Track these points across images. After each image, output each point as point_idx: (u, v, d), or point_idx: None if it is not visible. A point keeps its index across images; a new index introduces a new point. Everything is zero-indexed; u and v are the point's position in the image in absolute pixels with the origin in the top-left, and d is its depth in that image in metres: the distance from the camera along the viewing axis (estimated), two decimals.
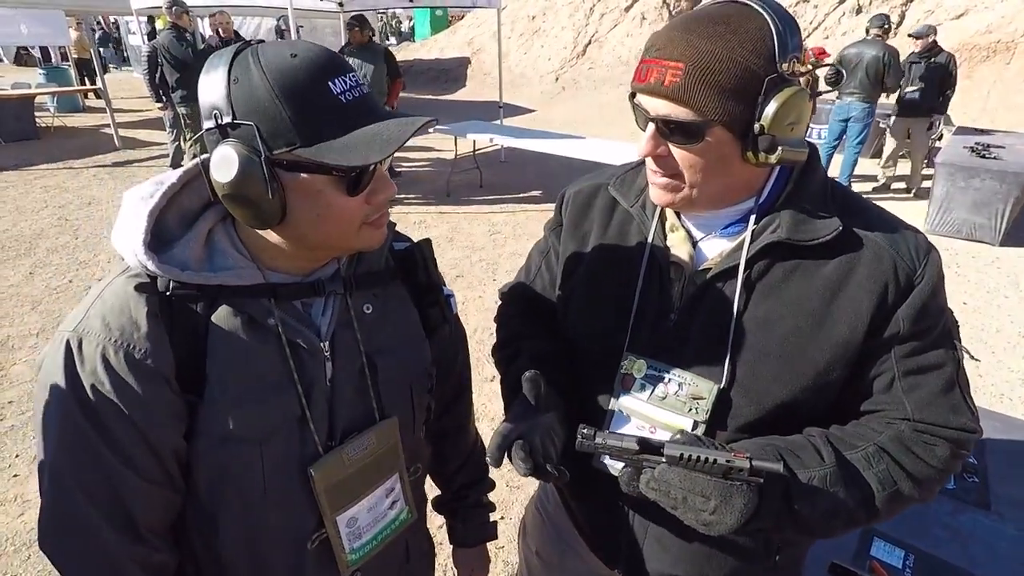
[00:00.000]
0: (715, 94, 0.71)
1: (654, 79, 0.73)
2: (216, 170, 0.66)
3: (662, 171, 0.79)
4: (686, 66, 0.71)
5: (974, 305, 4.22)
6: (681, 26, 0.74)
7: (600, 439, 0.75)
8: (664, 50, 0.73)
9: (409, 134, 0.66)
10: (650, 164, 0.81)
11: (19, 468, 2.59)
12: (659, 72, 0.73)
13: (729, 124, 0.73)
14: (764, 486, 0.72)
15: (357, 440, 0.83)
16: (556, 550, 1.17)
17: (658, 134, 0.76)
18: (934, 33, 6.13)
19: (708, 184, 0.79)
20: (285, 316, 0.76)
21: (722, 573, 0.93)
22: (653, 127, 0.76)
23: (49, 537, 0.73)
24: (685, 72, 0.71)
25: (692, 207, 0.83)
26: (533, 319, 1.07)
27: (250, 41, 0.69)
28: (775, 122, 0.72)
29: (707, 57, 0.70)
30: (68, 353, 0.68)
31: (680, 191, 0.80)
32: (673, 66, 0.71)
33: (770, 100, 0.71)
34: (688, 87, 0.71)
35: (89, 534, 0.70)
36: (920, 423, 0.79)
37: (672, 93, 0.72)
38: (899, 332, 0.78)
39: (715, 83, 0.70)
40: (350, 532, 0.85)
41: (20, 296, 4.16)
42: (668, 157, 0.78)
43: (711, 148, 0.75)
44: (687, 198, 0.80)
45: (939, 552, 1.27)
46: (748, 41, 0.71)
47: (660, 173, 0.80)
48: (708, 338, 0.84)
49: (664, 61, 0.73)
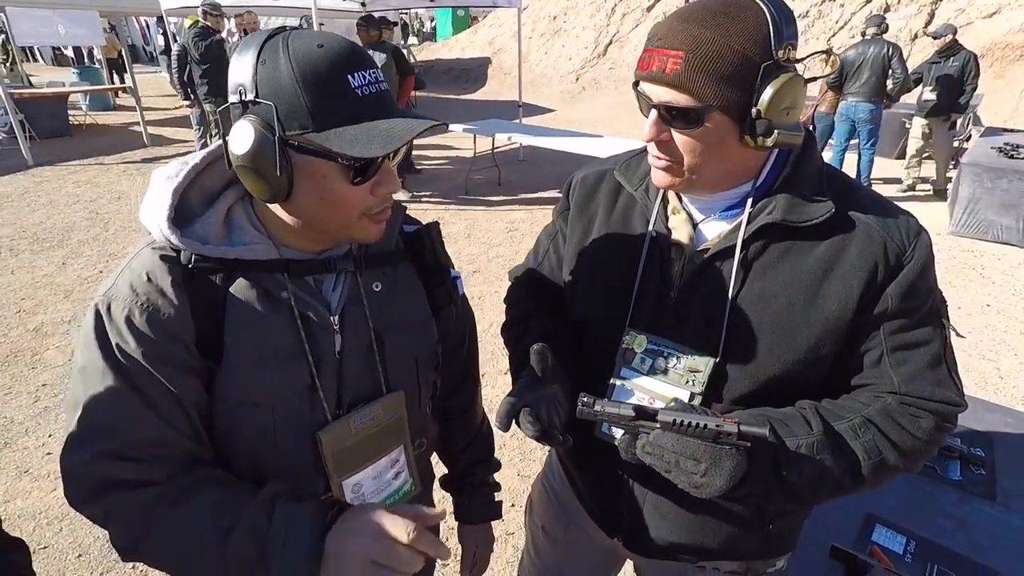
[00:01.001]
0: (713, 81, 0.74)
1: (656, 67, 0.77)
2: (233, 142, 0.71)
3: (664, 155, 0.83)
4: (686, 54, 0.74)
5: (998, 307, 4.15)
6: (681, 16, 0.77)
7: (599, 407, 0.79)
8: (665, 39, 0.76)
9: (414, 134, 0.70)
10: (652, 149, 0.84)
11: (52, 447, 2.70)
12: (660, 60, 0.76)
13: (727, 109, 0.76)
14: (753, 451, 0.76)
15: (364, 410, 0.87)
16: (561, 525, 1.21)
17: (660, 120, 0.80)
18: (952, 32, 6.03)
19: (707, 167, 0.82)
20: (298, 290, 0.80)
21: (717, 540, 0.96)
22: (655, 113, 0.80)
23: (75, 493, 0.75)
24: (685, 60, 0.74)
25: (692, 189, 0.87)
26: (541, 299, 1.11)
27: (284, 27, 0.73)
28: (771, 107, 0.75)
29: (706, 45, 0.74)
30: (98, 317, 0.73)
31: (680, 174, 0.83)
32: (674, 54, 0.75)
33: (766, 86, 0.75)
34: (688, 74, 0.74)
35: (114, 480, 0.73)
36: (906, 396, 0.82)
37: (673, 80, 0.75)
38: (888, 309, 0.81)
39: (713, 70, 0.74)
40: (355, 497, 0.89)
41: (53, 285, 4.32)
42: (670, 142, 0.81)
43: (710, 132, 0.78)
44: (687, 180, 0.84)
45: (942, 540, 1.28)
46: (745, 30, 0.74)
47: (662, 157, 0.83)
48: (706, 314, 0.87)
49: (665, 50, 0.76)
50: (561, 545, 1.24)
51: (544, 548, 1.28)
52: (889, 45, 5.94)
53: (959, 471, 1.49)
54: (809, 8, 11.90)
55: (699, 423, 0.73)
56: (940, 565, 1.22)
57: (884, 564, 1.21)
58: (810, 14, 11.85)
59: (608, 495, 1.03)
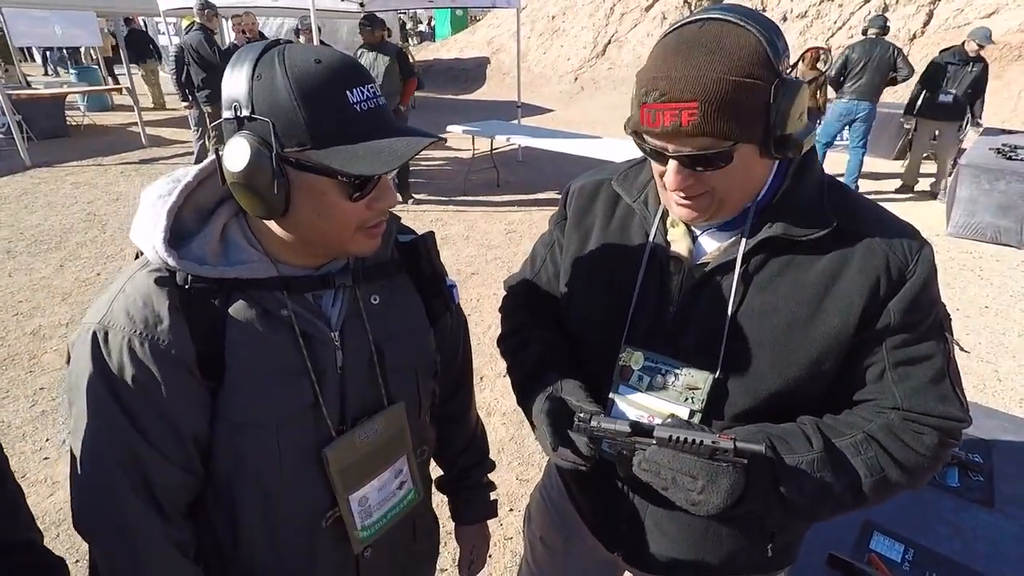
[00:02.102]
0: (734, 119, 0.71)
1: (669, 123, 0.72)
2: (228, 159, 0.70)
3: (690, 196, 0.80)
4: (700, 103, 0.70)
5: (996, 308, 4.15)
6: (676, 63, 0.72)
7: (595, 422, 0.79)
8: (670, 93, 0.71)
9: (414, 152, 0.70)
10: (675, 193, 0.80)
11: (49, 451, 2.69)
12: (672, 115, 0.72)
13: (750, 139, 0.74)
14: (751, 468, 0.75)
15: (367, 424, 0.87)
16: (560, 536, 1.21)
17: (682, 168, 0.77)
18: (989, 40, 6.00)
19: (734, 194, 0.80)
20: (297, 308, 0.80)
21: (718, 557, 0.95)
22: (676, 163, 0.77)
23: (83, 515, 0.78)
24: (701, 109, 0.70)
25: (715, 216, 0.85)
26: (539, 310, 1.10)
27: (278, 40, 0.72)
28: (791, 119, 0.73)
29: (716, 87, 0.70)
30: (95, 344, 0.72)
31: (707, 208, 0.81)
32: (687, 106, 0.71)
33: (780, 104, 0.72)
34: (708, 122, 0.71)
35: (124, 511, 0.75)
36: (909, 412, 0.81)
37: (693, 131, 0.72)
38: (890, 324, 0.80)
39: (732, 109, 0.70)
40: (361, 510, 0.89)
41: (51, 288, 4.31)
42: (695, 183, 0.78)
43: (737, 165, 0.76)
44: (715, 210, 0.82)
45: (940, 547, 1.28)
46: (746, 58, 0.71)
47: (688, 198, 0.80)
48: (705, 330, 0.86)
49: (674, 104, 0.71)
50: (560, 556, 1.23)
51: (543, 559, 1.28)
52: (893, 47, 6.00)
53: (957, 478, 1.49)
54: (808, 8, 11.90)
55: (695, 440, 0.73)
56: (938, 573, 1.22)
57: (882, 572, 1.21)
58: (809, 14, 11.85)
59: (608, 510, 1.02)
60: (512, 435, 2.87)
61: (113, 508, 0.75)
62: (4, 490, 0.72)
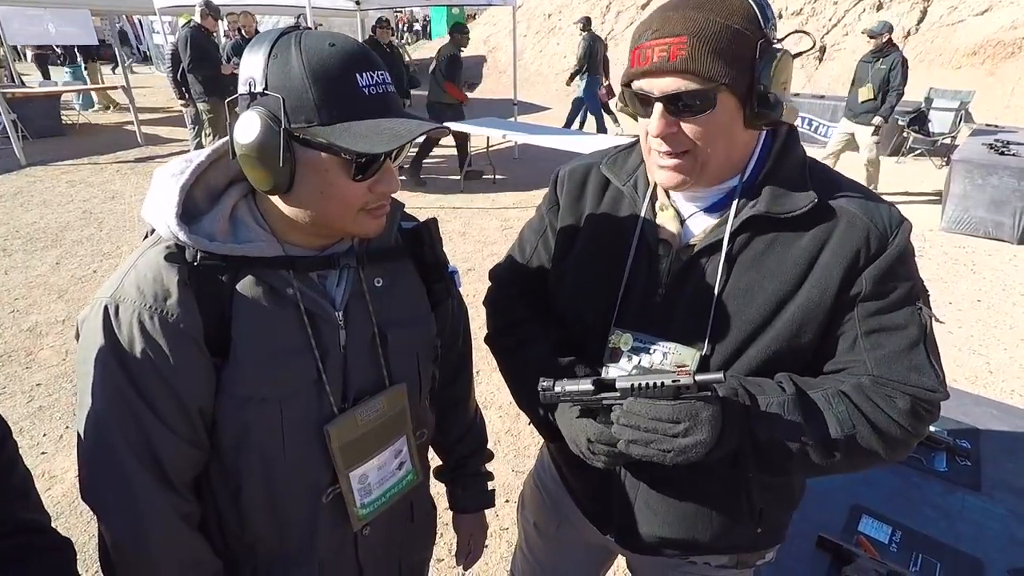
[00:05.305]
0: (720, 59, 0.75)
1: (658, 58, 0.77)
2: (239, 132, 0.72)
3: (672, 149, 0.82)
4: (690, 37, 0.75)
5: (989, 302, 4.18)
6: (672, 7, 0.78)
7: (559, 387, 0.81)
8: (662, 29, 0.77)
9: (417, 134, 0.72)
10: (658, 145, 0.83)
11: (47, 446, 2.70)
12: (662, 50, 0.76)
13: (734, 88, 0.77)
14: (726, 403, 0.78)
15: (369, 403, 0.89)
16: (553, 521, 1.23)
17: (667, 113, 0.80)
18: (889, 32, 5.82)
19: (716, 155, 0.82)
20: (303, 287, 0.82)
21: (708, 534, 0.97)
22: (661, 107, 0.80)
23: (91, 487, 0.79)
24: (689, 43, 0.75)
25: (698, 183, 0.86)
26: (535, 303, 1.09)
27: (298, 26, 0.75)
28: (775, 81, 0.77)
29: (706, 26, 0.75)
30: (106, 318, 0.74)
31: (690, 170, 0.83)
32: (676, 41, 0.75)
33: (766, 61, 0.77)
34: (695, 56, 0.75)
35: (128, 482, 0.77)
36: (880, 378, 0.82)
37: (680, 65, 0.75)
38: (862, 291, 0.82)
39: (717, 49, 0.75)
40: (361, 488, 0.91)
41: (47, 285, 4.31)
42: (678, 133, 0.81)
43: (720, 115, 0.79)
44: (697, 174, 0.84)
45: (927, 529, 1.30)
46: (736, 11, 0.76)
47: (670, 153, 0.83)
48: (693, 309, 0.88)
49: (665, 39, 0.76)
50: (553, 541, 1.25)
51: (536, 544, 1.30)
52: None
53: (945, 463, 1.51)
54: (803, 6, 11.93)
55: (656, 382, 0.75)
56: (924, 554, 1.24)
57: (869, 553, 1.23)
58: (804, 12, 11.89)
59: (599, 492, 1.04)
60: (508, 428, 2.89)
61: (119, 479, 0.77)
62: (14, 473, 0.74)
